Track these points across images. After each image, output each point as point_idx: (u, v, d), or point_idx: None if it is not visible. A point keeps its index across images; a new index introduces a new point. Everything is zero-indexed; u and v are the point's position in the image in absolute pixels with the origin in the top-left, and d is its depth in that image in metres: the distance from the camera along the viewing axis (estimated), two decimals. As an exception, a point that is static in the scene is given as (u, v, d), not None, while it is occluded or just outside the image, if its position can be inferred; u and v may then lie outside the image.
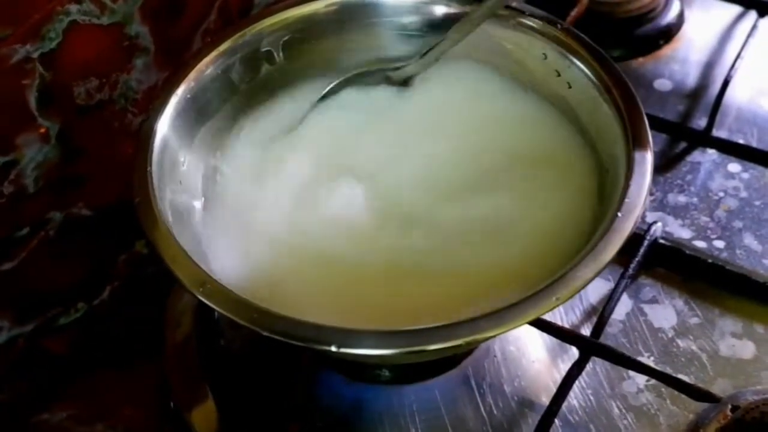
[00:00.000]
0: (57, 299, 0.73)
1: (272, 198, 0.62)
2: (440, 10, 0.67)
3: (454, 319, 0.47)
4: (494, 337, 0.53)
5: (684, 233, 0.71)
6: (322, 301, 0.56)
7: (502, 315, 0.47)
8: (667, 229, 0.71)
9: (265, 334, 0.47)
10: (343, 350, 0.46)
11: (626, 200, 0.52)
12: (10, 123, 0.64)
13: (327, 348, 0.46)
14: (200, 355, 0.68)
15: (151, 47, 0.73)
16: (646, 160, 0.54)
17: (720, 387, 0.62)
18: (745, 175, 0.75)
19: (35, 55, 0.63)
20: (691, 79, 0.85)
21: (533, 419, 0.61)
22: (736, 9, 0.90)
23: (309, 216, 0.61)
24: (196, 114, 0.61)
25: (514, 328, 0.47)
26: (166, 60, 0.75)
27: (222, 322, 0.69)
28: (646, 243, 0.67)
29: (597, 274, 0.48)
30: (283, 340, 0.46)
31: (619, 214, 0.51)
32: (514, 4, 0.65)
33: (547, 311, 0.47)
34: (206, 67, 0.62)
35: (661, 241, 0.69)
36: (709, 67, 0.86)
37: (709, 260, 0.68)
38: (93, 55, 0.68)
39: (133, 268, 0.79)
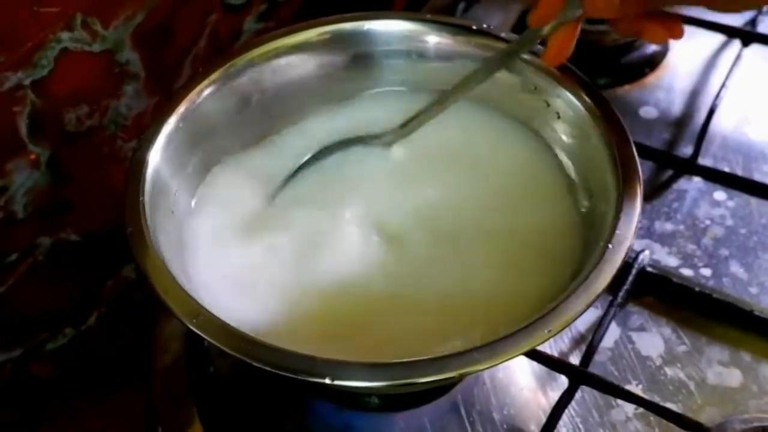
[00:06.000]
0: (44, 324, 0.73)
1: (260, 230, 0.62)
2: (431, 39, 0.67)
3: (446, 352, 0.47)
4: (487, 369, 0.53)
5: (671, 261, 0.72)
6: (307, 333, 0.56)
7: (495, 347, 0.47)
8: (654, 256, 0.72)
9: (260, 366, 0.47)
10: (336, 382, 0.46)
11: (616, 232, 0.52)
12: (1, 149, 0.64)
13: (321, 381, 0.46)
14: (189, 380, 0.67)
15: (141, 74, 0.73)
16: (636, 191, 0.54)
17: (708, 415, 0.62)
18: (731, 203, 0.76)
19: (27, 82, 0.63)
20: (677, 107, 0.86)
21: (523, 448, 0.61)
22: (721, 38, 0.91)
23: (297, 250, 0.61)
24: (187, 143, 0.61)
25: (507, 360, 0.47)
26: (156, 86, 0.75)
27: (211, 348, 0.68)
28: (633, 271, 0.67)
29: (588, 306, 0.49)
30: (278, 372, 0.46)
31: (610, 246, 0.51)
32: (503, 35, 0.66)
33: (540, 344, 0.47)
34: (197, 97, 0.62)
35: (649, 269, 0.69)
36: (694, 95, 0.87)
37: (696, 288, 0.68)
38: (84, 82, 0.68)
39: (121, 293, 0.79)
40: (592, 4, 0.55)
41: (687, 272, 0.71)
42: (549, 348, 0.67)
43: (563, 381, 0.63)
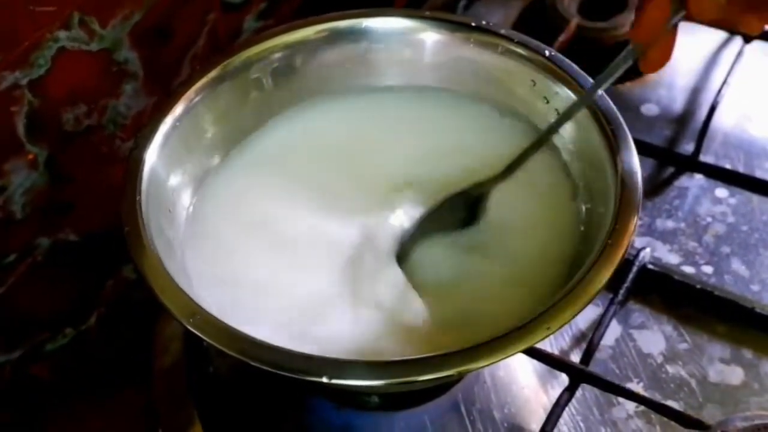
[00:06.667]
0: (44, 325, 0.73)
1: (255, 227, 0.62)
2: (429, 36, 0.67)
3: (445, 350, 0.47)
4: (486, 367, 0.53)
5: (672, 258, 0.71)
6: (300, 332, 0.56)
7: (494, 345, 0.47)
8: (656, 254, 0.71)
9: (257, 365, 0.46)
10: (335, 381, 0.46)
11: (616, 228, 0.52)
12: (-1, 149, 0.64)
13: (318, 379, 0.46)
14: (189, 380, 0.67)
15: (139, 72, 0.73)
16: (636, 188, 0.54)
17: (709, 413, 0.62)
18: (733, 201, 0.75)
19: (24, 81, 0.63)
20: (678, 104, 0.85)
21: (523, 446, 0.61)
22: (722, 35, 0.91)
23: (292, 250, 0.61)
24: (185, 142, 0.61)
25: (506, 358, 0.47)
26: (154, 85, 0.75)
27: (211, 348, 0.68)
28: (634, 269, 0.67)
29: (587, 304, 0.48)
30: (275, 371, 0.46)
31: (609, 242, 0.51)
32: (502, 32, 0.65)
33: (539, 341, 0.47)
34: (195, 95, 0.62)
35: (650, 266, 0.69)
36: (695, 92, 0.86)
37: (698, 286, 0.68)
38: (81, 81, 0.68)
39: (121, 293, 0.79)
40: (697, 6, 0.52)
41: (688, 270, 0.71)
42: (549, 346, 0.67)
43: (564, 379, 0.62)
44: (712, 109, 0.79)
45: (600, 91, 0.59)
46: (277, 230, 0.62)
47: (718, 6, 0.51)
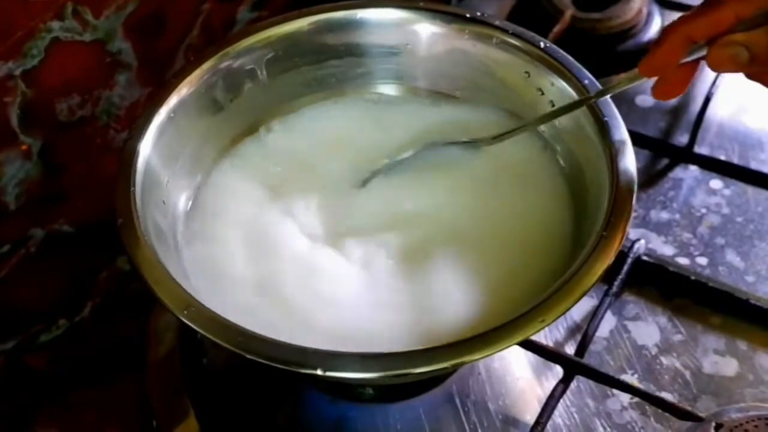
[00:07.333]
0: (38, 316, 0.73)
1: (254, 221, 0.62)
2: (423, 28, 0.67)
3: (440, 342, 0.47)
4: (481, 359, 0.53)
5: (667, 250, 0.71)
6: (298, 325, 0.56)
7: (488, 337, 0.47)
8: (650, 245, 0.71)
9: (251, 357, 0.46)
10: (329, 374, 0.46)
11: (611, 220, 0.52)
12: (-8, 140, 0.64)
13: (313, 372, 0.46)
14: (183, 372, 0.67)
15: (133, 63, 0.73)
16: (630, 179, 0.54)
17: (703, 404, 0.62)
18: (727, 192, 0.75)
19: (17, 72, 0.63)
20: (673, 95, 0.85)
21: (518, 438, 0.61)
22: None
23: (293, 245, 0.61)
24: (179, 133, 0.61)
25: (500, 350, 0.47)
26: (148, 76, 0.74)
27: (205, 340, 0.68)
28: (629, 260, 0.67)
29: (582, 296, 0.48)
30: (269, 364, 0.46)
31: (604, 234, 0.51)
32: (497, 23, 0.65)
33: (533, 334, 0.47)
34: (189, 86, 0.62)
35: (645, 258, 0.69)
36: (690, 83, 0.86)
37: (692, 277, 0.68)
38: (75, 72, 0.68)
39: (115, 284, 0.79)
40: (715, 58, 0.50)
41: (683, 261, 0.71)
42: (544, 338, 0.66)
43: (558, 371, 0.62)
44: (707, 100, 0.79)
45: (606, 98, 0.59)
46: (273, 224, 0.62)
47: (739, 63, 0.49)
